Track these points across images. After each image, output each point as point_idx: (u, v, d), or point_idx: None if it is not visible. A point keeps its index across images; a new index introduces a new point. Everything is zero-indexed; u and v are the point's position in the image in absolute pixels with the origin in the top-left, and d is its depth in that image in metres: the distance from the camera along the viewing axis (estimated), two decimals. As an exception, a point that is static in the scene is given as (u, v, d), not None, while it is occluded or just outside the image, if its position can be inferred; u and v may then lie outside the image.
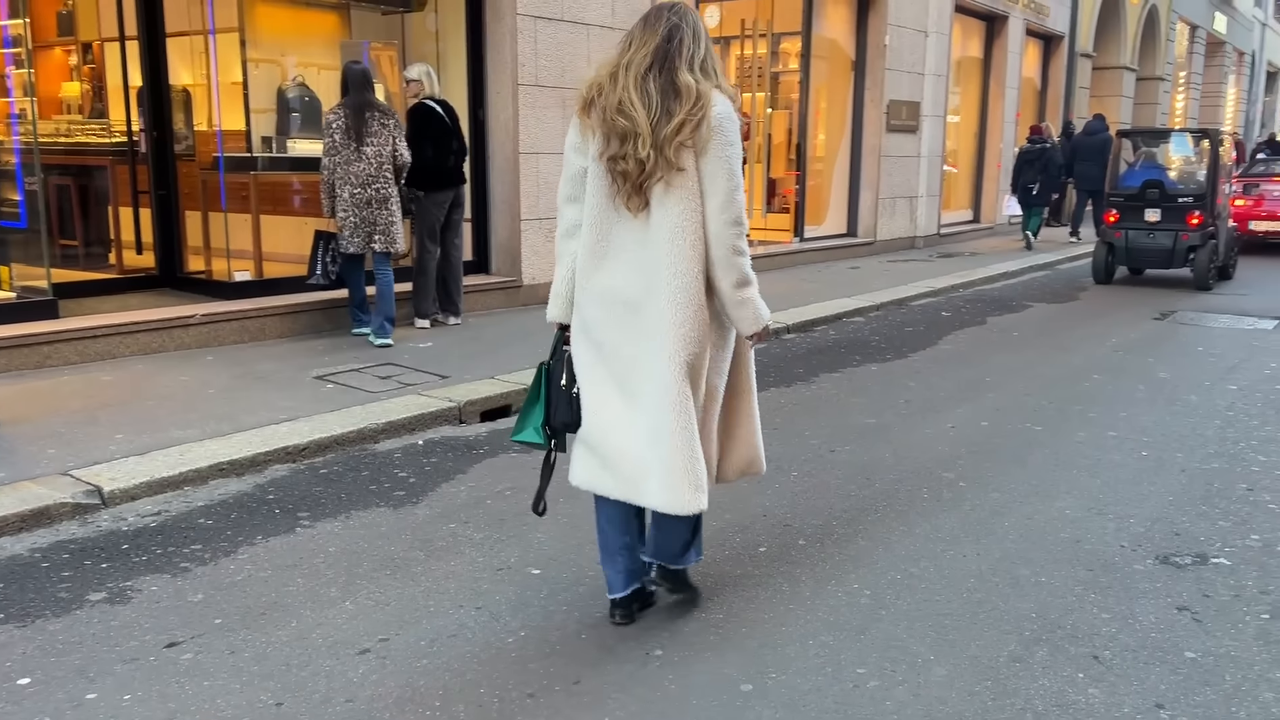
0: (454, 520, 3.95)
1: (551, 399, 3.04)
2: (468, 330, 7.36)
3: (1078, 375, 6.59)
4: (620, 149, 2.80)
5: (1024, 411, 5.66)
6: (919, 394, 6.06)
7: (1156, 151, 11.74)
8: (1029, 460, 4.77)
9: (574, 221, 2.95)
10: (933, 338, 7.92)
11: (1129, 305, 9.73)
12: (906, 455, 4.82)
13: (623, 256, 2.86)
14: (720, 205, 2.78)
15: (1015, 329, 8.38)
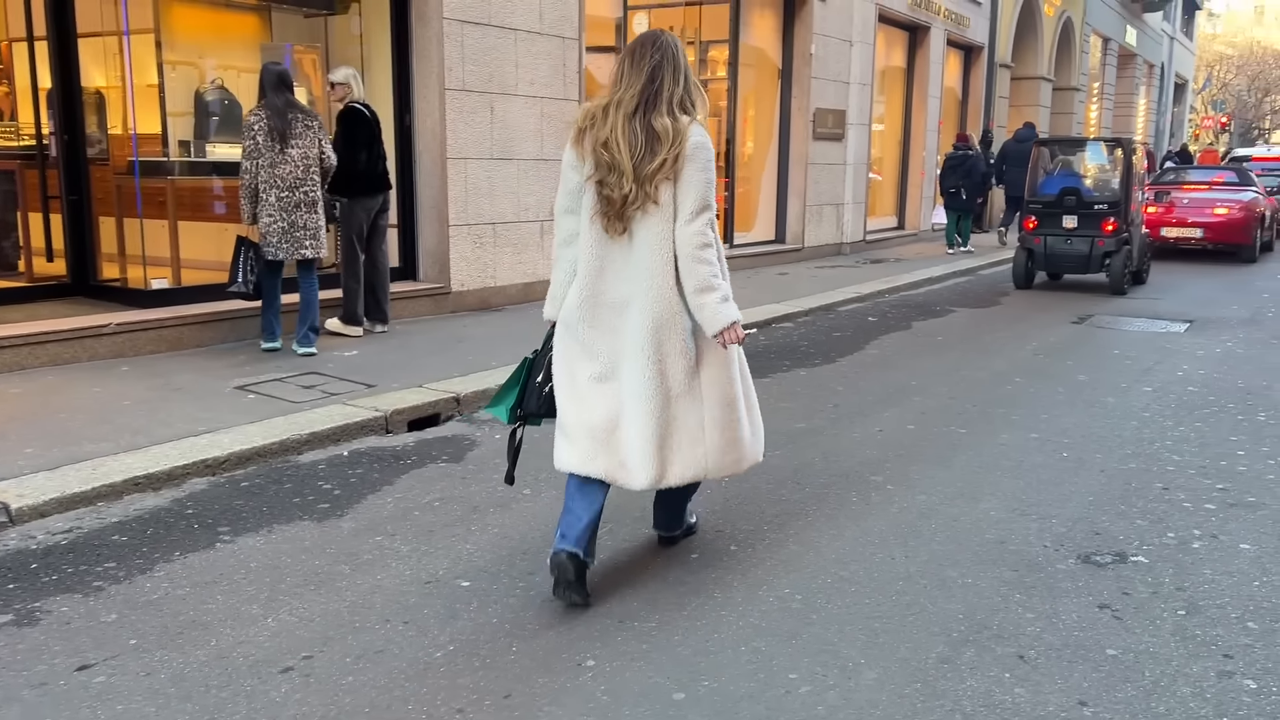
0: (380, 533, 3.87)
1: (527, 389, 3.44)
2: (395, 338, 7.27)
3: (1000, 378, 6.75)
4: (607, 176, 3.17)
5: (949, 415, 5.76)
6: (847, 398, 6.14)
7: (1073, 160, 12.11)
8: (954, 463, 4.86)
9: (571, 231, 3.28)
10: (860, 342, 8.03)
11: (1048, 309, 10.00)
12: (835, 459, 4.87)
13: (613, 266, 3.22)
14: (687, 218, 3.13)
15: (940, 333, 8.54)
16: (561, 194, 3.28)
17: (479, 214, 8.52)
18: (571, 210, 3.28)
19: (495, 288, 8.77)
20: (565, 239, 3.30)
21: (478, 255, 8.57)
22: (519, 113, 8.75)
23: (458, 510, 4.11)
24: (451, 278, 8.38)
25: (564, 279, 3.31)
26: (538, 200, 9.06)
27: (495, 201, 8.65)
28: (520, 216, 8.92)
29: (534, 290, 9.15)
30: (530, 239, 9.04)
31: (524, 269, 9.02)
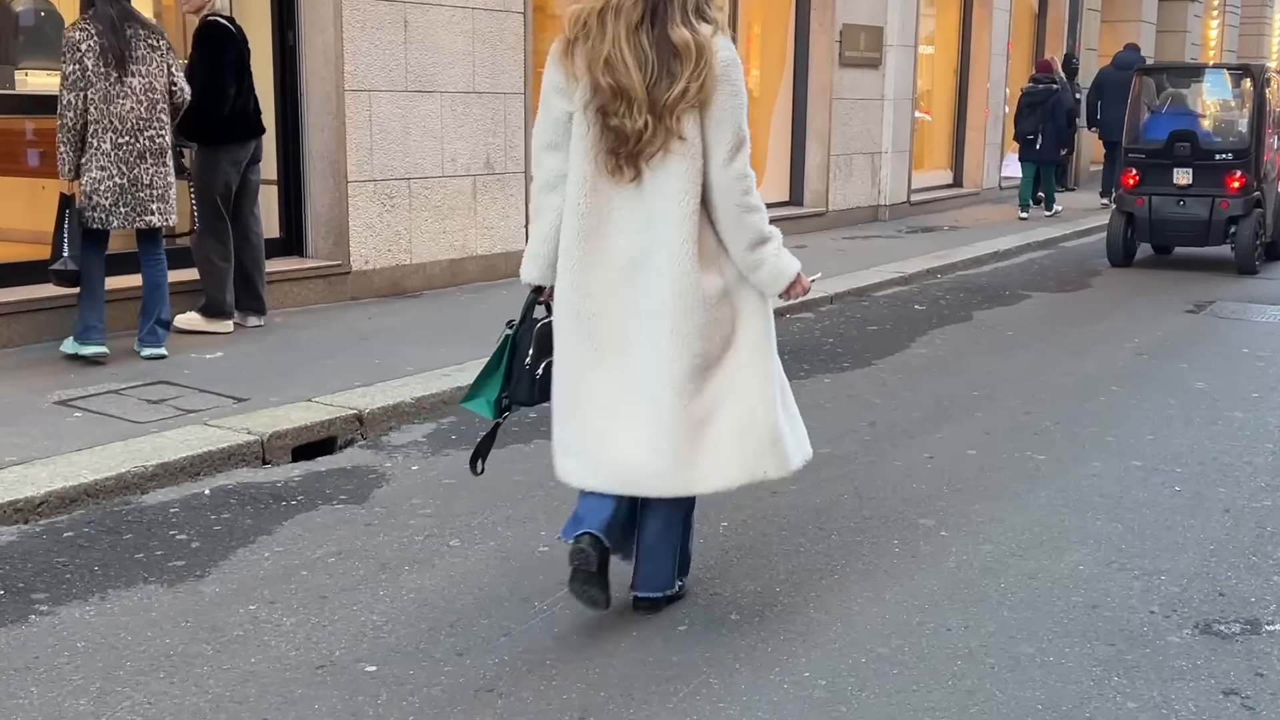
0: (255, 600, 3.85)
1: (513, 373, 3.65)
2: (275, 335, 7.24)
3: (1091, 387, 6.80)
4: (611, 104, 3.29)
5: (1022, 435, 5.81)
6: (886, 414, 6.16)
7: (1186, 94, 12.23)
8: (1030, 500, 4.89)
9: (556, 172, 3.41)
10: (903, 339, 8.07)
11: (1154, 294, 10.12)
12: (871, 496, 4.89)
13: (615, 217, 3.36)
14: (725, 159, 3.31)
15: (1009, 326, 8.60)
16: (543, 125, 3.41)
17: (389, 167, 8.51)
18: (556, 146, 3.41)
19: (411, 266, 8.75)
20: (548, 183, 3.45)
21: (387, 223, 8.55)
22: (443, 28, 8.74)
23: (360, 569, 4.10)
24: (352, 253, 8.37)
25: (547, 233, 3.48)
26: (470, 148, 9.05)
27: (411, 150, 8.64)
28: (445, 170, 8.90)
29: (464, 269, 9.13)
30: (459, 201, 9.03)
31: (450, 241, 9.01)
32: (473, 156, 9.09)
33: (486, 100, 9.14)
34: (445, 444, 5.54)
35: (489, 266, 9.33)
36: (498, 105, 9.24)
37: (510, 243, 9.47)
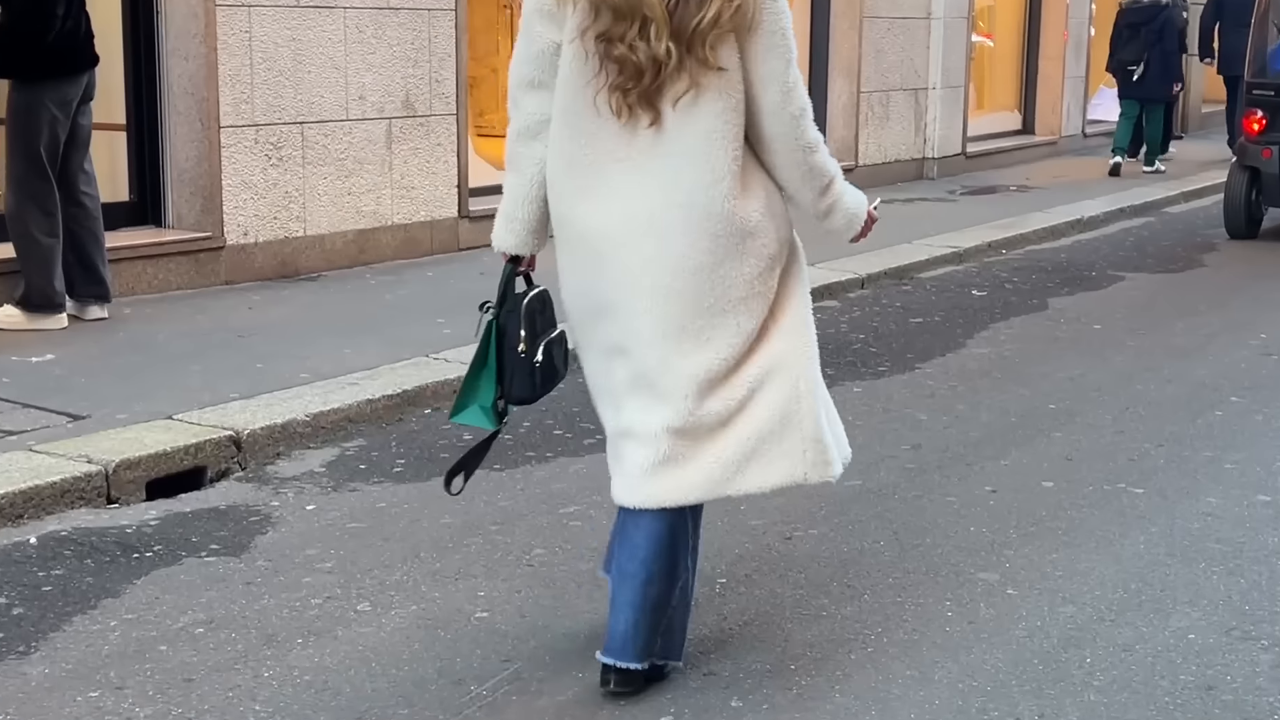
0: (98, 684, 3.83)
1: (505, 366, 3.82)
2: (123, 330, 7.22)
3: (1202, 397, 6.85)
4: (616, 28, 3.37)
5: (1113, 462, 5.84)
6: (935, 434, 6.19)
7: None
8: (1124, 546, 4.92)
9: (538, 116, 3.60)
10: (957, 336, 8.09)
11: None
12: (915, 543, 4.91)
13: (620, 171, 3.50)
14: (780, 98, 3.46)
15: (1096, 318, 8.63)
16: (523, 59, 3.59)
17: (275, 107, 8.50)
18: (539, 84, 3.58)
19: (305, 240, 8.73)
20: (528, 129, 3.64)
21: (273, 182, 8.55)
22: (347, -75, 8.73)
23: (238, 642, 4.08)
24: (226, 222, 8.35)
25: (527, 192, 3.68)
26: (383, 82, 9.04)
27: (305, 85, 8.63)
28: (351, 111, 8.89)
29: (376, 244, 9.12)
30: (368, 152, 9.02)
31: (357, 206, 8.99)
32: (387, 93, 9.07)
33: (406, 18, 9.12)
34: (351, 475, 5.53)
35: (409, 240, 9.31)
36: (420, 25, 9.22)
37: (437, 207, 9.46)
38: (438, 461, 5.61)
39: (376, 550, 4.74)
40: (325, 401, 6.07)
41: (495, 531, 4.93)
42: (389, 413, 6.20)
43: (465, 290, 8.47)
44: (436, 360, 6.79)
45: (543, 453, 5.83)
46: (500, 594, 4.41)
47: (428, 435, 6.02)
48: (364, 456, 5.75)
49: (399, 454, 5.78)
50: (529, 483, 5.47)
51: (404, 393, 6.30)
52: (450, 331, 7.34)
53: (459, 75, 9.60)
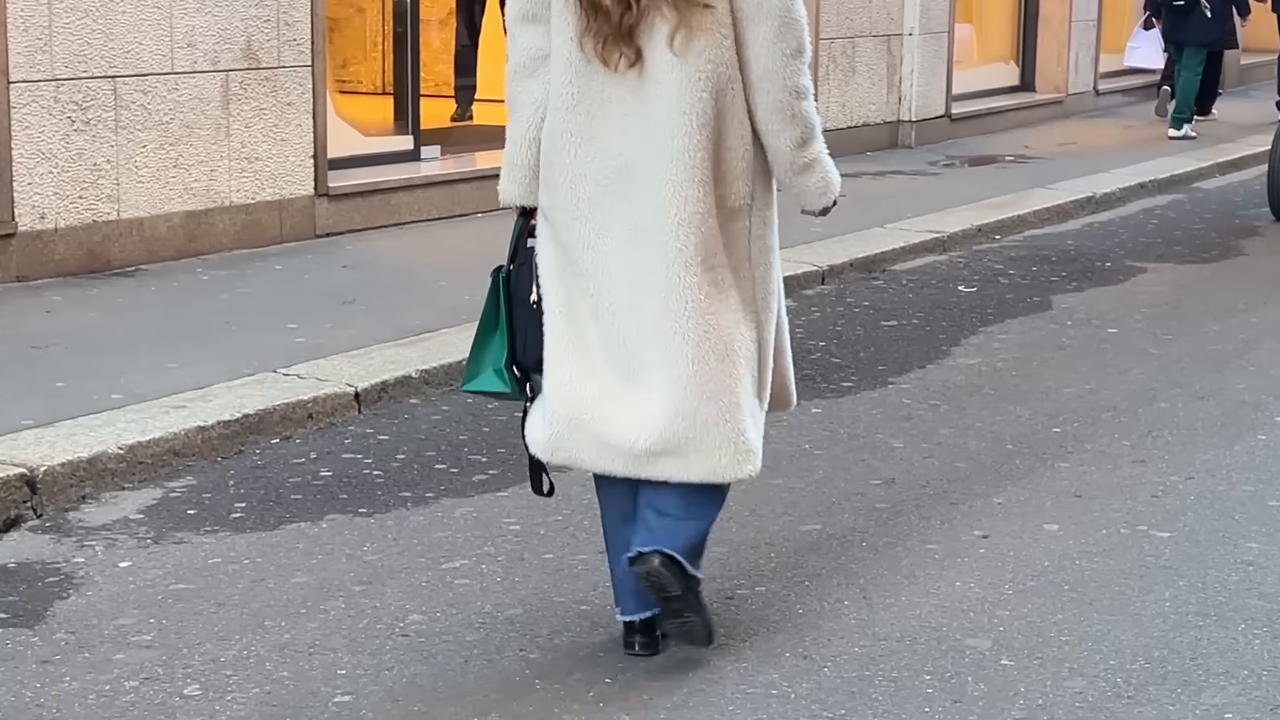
0: None
1: (516, 325, 4.37)
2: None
3: (1241, 418, 6.91)
4: None
5: (1133, 499, 5.86)
6: (912, 466, 6.21)
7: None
8: (1145, 605, 4.92)
9: (535, 51, 4.23)
10: (939, 342, 8.13)
11: (1344, 267, 10.29)
12: (889, 601, 4.91)
13: (612, 113, 4.15)
14: (774, 31, 4.08)
15: (1111, 319, 8.68)
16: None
17: (80, 57, 8.44)
18: (534, 17, 4.21)
19: (120, 224, 8.66)
20: (525, 65, 4.28)
21: (79, 151, 8.48)
22: None
23: (34, 737, 4.03)
24: (17, 202, 8.29)
25: (529, 133, 4.30)
26: (217, 26, 8.98)
27: (117, 30, 8.56)
28: (177, 63, 8.82)
29: (210, 229, 9.05)
30: (200, 115, 8.97)
31: (186, 182, 8.93)
32: (223, 40, 9.01)
33: (246, -54, 9.07)
34: (177, 523, 5.49)
35: (251, 224, 9.24)
36: (265, -46, 9.18)
37: (288, 183, 9.40)
38: (287, 505, 5.57)
39: (208, 619, 4.70)
40: (144, 430, 6.01)
41: (360, 593, 4.90)
42: (226, 443, 6.16)
43: (323, 287, 8.48)
44: (287, 376, 6.76)
45: (421, 493, 5.81)
46: (367, 672, 4.38)
47: (275, 471, 5.99)
48: (193, 499, 5.70)
49: (238, 496, 5.74)
50: (403, 531, 5.45)
51: (245, 418, 6.27)
52: (304, 340, 7.30)
53: (315, 17, 9.55)
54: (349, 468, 6.04)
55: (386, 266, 9.11)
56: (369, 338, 7.41)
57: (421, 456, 6.14)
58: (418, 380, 6.93)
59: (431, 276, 8.79)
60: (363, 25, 14.30)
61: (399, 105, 11.25)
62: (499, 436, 6.39)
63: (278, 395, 6.50)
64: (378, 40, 14.03)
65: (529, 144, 4.30)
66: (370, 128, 11.27)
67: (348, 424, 6.54)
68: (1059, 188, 12.50)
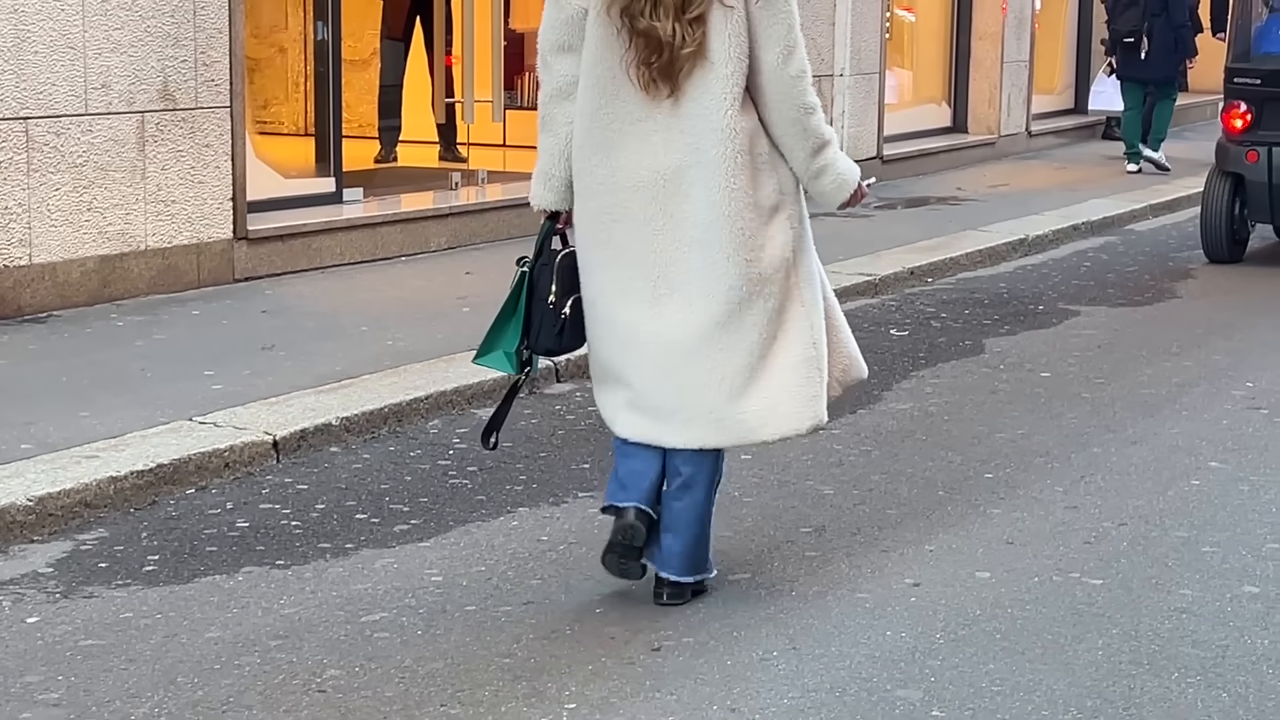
0: None
1: (533, 316, 5.16)
2: None
3: (1176, 463, 6.93)
4: (636, 5, 4.80)
5: (1066, 546, 5.88)
6: (843, 513, 6.21)
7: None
8: (1078, 655, 4.92)
9: (569, 77, 5.01)
10: (871, 386, 8.08)
11: (1276, 310, 10.39)
12: (818, 653, 4.89)
13: (644, 130, 4.94)
14: (780, 58, 4.94)
15: (1044, 363, 8.72)
16: (553, 24, 5.01)
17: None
18: (568, 48, 4.99)
19: (31, 269, 8.60)
20: (560, 90, 5.05)
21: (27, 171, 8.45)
22: None
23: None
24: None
25: (562, 148, 5.07)
26: (132, 66, 8.95)
27: (28, 69, 8.53)
28: (91, 104, 8.79)
29: (125, 274, 9.00)
30: (114, 156, 8.93)
31: (100, 225, 8.88)
32: (138, 79, 8.97)
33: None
34: (88, 577, 5.43)
35: (168, 269, 9.19)
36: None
37: (206, 226, 9.36)
38: (202, 557, 5.53)
39: (119, 675, 4.64)
40: (54, 481, 5.96)
41: (276, 648, 4.85)
42: (139, 494, 6.11)
43: (242, 332, 8.45)
44: (203, 425, 6.71)
45: (340, 544, 5.77)
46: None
47: (190, 522, 5.94)
48: (105, 552, 5.65)
49: (151, 548, 5.68)
50: (322, 583, 5.41)
51: (159, 468, 6.22)
52: (221, 387, 7.26)
53: (234, 57, 9.53)
54: (266, 518, 5.99)
55: (307, 311, 9.08)
56: (288, 384, 7.36)
57: (341, 506, 6.10)
58: (338, 428, 6.88)
59: (353, 321, 8.76)
60: (284, 65, 14.28)
61: (320, 147, 11.22)
62: (421, 485, 6.36)
63: (193, 444, 6.45)
64: (299, 80, 14.01)
65: (564, 157, 5.07)
66: (291, 169, 11.23)
67: (265, 473, 6.50)
68: (991, 230, 12.58)
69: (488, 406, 7.35)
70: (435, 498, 6.23)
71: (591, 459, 6.79)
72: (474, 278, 10.11)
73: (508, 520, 6.02)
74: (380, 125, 13.85)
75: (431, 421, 7.25)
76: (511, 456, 6.78)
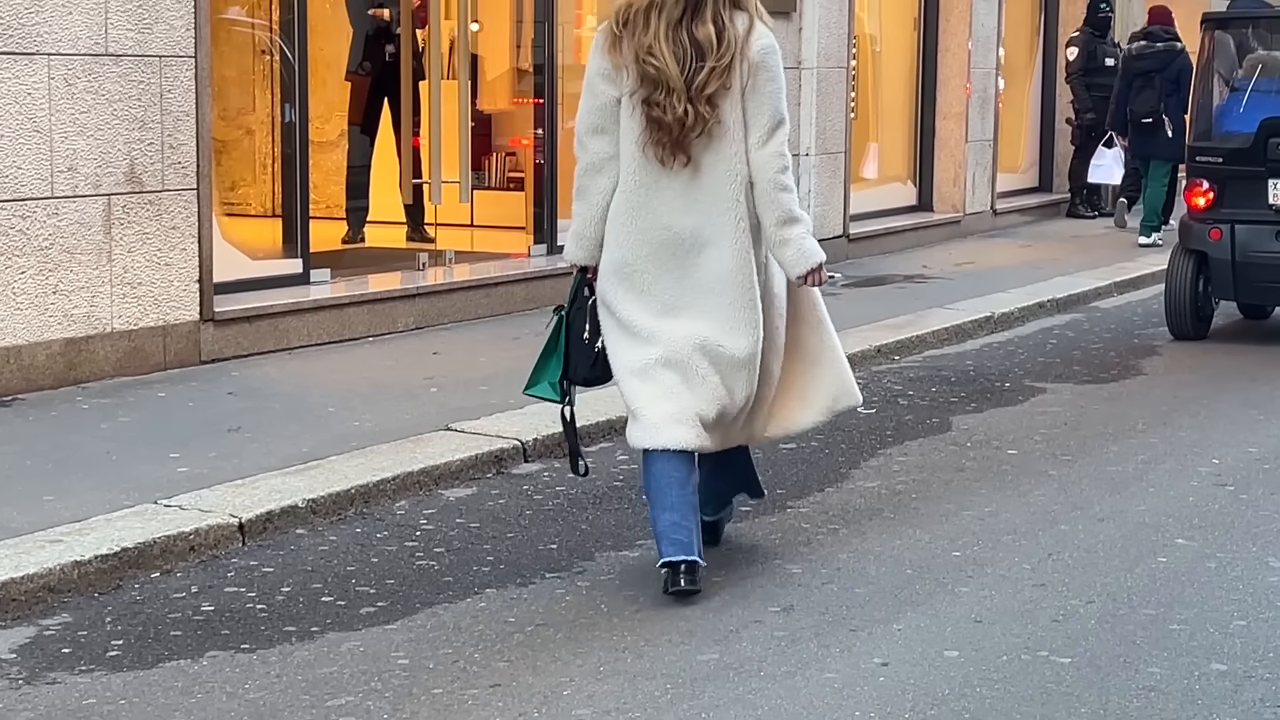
0: None
1: (571, 352, 6.20)
2: None
3: (1142, 540, 6.93)
4: (654, 94, 5.87)
5: (1034, 624, 5.87)
6: (810, 592, 6.20)
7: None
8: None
9: (604, 154, 6.05)
10: (838, 464, 8.14)
11: (1243, 386, 10.39)
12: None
13: (665, 197, 5.99)
14: (761, 138, 5.99)
15: (1011, 440, 8.73)
16: (589, 110, 6.07)
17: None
18: (603, 130, 6.05)
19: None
20: (595, 165, 6.08)
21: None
22: (52, -52, 8.66)
23: None
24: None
25: (595, 215, 6.10)
26: (99, 149, 8.95)
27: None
28: (57, 186, 8.77)
29: (91, 357, 8.97)
30: (80, 239, 8.91)
31: (65, 308, 8.85)
32: (105, 163, 8.96)
33: (130, 67, 9.05)
34: (51, 662, 5.39)
35: (134, 351, 9.16)
36: (149, 75, 9.15)
37: (172, 308, 9.33)
38: (166, 642, 5.49)
39: None
40: (17, 565, 5.92)
41: (253, 717, 4.82)
42: (103, 578, 6.06)
43: (208, 414, 8.42)
44: (168, 508, 6.67)
45: (306, 626, 5.72)
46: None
47: (155, 606, 5.89)
48: (69, 637, 5.60)
49: (116, 633, 5.64)
50: (287, 667, 5.36)
51: (123, 552, 6.17)
52: (187, 470, 7.23)
53: (200, 139, 9.53)
54: (231, 602, 5.95)
55: (274, 393, 9.04)
56: (254, 466, 7.33)
57: (307, 589, 6.06)
58: (304, 510, 6.84)
59: (320, 402, 8.74)
60: (251, 147, 14.27)
61: (288, 228, 11.20)
62: (388, 567, 6.33)
63: (158, 527, 6.40)
64: (266, 162, 14.00)
65: (597, 221, 6.07)
66: (258, 251, 11.21)
67: (231, 556, 6.45)
68: (957, 308, 12.59)
69: (455, 487, 7.40)
70: (402, 579, 6.19)
71: (559, 539, 6.77)
72: (441, 358, 10.11)
73: (475, 601, 5.99)
74: (348, 206, 13.86)
75: (399, 502, 7.22)
76: (479, 537, 6.76)
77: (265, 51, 13.05)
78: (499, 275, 12.19)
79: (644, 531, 6.68)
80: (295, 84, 10.77)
